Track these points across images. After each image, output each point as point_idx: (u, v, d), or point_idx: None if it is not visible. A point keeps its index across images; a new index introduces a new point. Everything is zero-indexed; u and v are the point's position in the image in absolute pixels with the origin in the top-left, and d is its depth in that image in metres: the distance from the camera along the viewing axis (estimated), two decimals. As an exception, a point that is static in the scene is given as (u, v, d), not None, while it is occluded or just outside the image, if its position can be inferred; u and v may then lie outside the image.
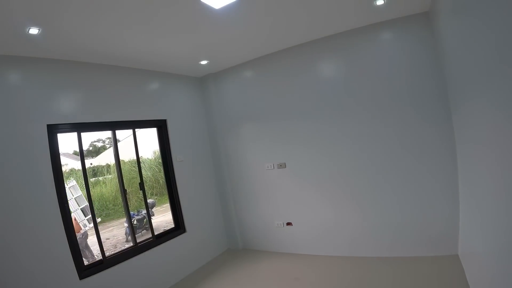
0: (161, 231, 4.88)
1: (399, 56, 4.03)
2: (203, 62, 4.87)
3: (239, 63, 5.21)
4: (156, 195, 10.93)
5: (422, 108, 3.92)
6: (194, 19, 3.28)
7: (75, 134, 3.90)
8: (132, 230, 4.54)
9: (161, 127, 4.98)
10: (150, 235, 4.61)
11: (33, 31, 2.84)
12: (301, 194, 4.86)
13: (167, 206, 10.60)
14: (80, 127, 3.90)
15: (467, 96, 2.55)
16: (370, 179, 4.31)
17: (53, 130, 3.57)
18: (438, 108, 3.80)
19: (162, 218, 9.00)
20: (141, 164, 4.81)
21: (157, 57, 4.32)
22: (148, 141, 7.76)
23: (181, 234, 4.92)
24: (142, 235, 7.56)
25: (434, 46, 3.77)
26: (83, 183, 10.41)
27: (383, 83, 4.12)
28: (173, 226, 5.05)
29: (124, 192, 4.36)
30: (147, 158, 11.15)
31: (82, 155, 4.01)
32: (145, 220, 8.20)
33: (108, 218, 9.89)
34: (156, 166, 10.87)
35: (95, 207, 3.98)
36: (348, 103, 4.35)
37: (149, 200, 6.69)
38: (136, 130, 4.69)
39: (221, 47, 4.34)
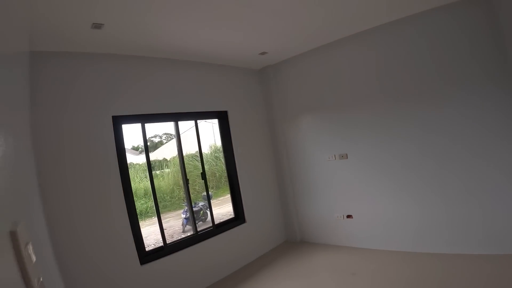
0: (220, 221, 4.93)
1: (462, 42, 3.74)
2: (263, 54, 4.84)
3: (298, 53, 5.12)
4: (212, 188, 11.16)
5: (486, 98, 3.63)
6: (256, 10, 3.26)
7: (133, 129, 4.01)
8: (193, 218, 4.63)
9: (222, 118, 5.03)
10: (206, 227, 4.67)
11: (98, 28, 2.99)
12: (362, 186, 4.69)
13: (223, 199, 10.82)
14: (144, 118, 4.02)
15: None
16: (433, 173, 4.06)
17: (118, 121, 3.69)
18: (504, 96, 3.52)
19: (218, 211, 9.12)
20: (198, 157, 4.87)
21: (218, 50, 4.36)
22: (204, 135, 7.90)
23: (240, 224, 4.96)
24: (198, 227, 7.70)
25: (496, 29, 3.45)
26: (142, 176, 10.97)
27: (447, 71, 3.85)
28: (229, 218, 5.09)
29: (186, 181, 4.44)
30: (204, 152, 11.35)
31: (146, 145, 4.14)
32: (201, 212, 8.38)
33: (165, 209, 10.27)
34: (212, 160, 11.11)
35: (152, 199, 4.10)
36: (412, 93, 4.12)
37: (204, 193, 6.79)
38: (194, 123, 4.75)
39: (282, 37, 4.29)
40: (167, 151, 13.51)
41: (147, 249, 3.92)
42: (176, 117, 4.43)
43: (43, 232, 1.85)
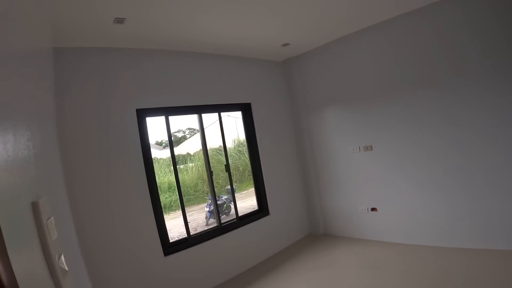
0: (244, 213, 4.94)
1: (494, 29, 3.51)
2: (285, 45, 4.79)
3: (321, 44, 5.03)
4: (235, 182, 11.24)
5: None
6: (279, 0, 3.22)
7: (157, 124, 4.06)
8: (217, 210, 4.66)
9: (246, 110, 5.02)
10: (229, 219, 4.70)
11: (121, 22, 3.04)
12: (387, 178, 4.58)
13: (246, 193, 10.87)
14: (167, 111, 4.06)
15: None
16: (460, 165, 3.89)
17: (142, 114, 3.74)
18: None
19: (241, 204, 9.15)
20: (222, 150, 4.89)
21: (241, 42, 4.34)
22: (228, 130, 7.94)
23: (264, 216, 4.96)
24: (221, 220, 7.76)
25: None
26: (165, 170, 11.16)
27: (475, 63, 3.66)
28: (252, 210, 5.09)
29: (210, 174, 4.46)
30: (228, 147, 11.41)
31: (170, 138, 4.17)
32: (225, 205, 8.44)
33: (188, 203, 10.42)
34: (236, 154, 11.17)
35: (177, 193, 4.17)
36: (439, 84, 3.95)
37: (229, 186, 6.83)
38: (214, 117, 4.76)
39: (304, 28, 4.23)
40: (191, 146, 13.67)
41: (170, 241, 3.98)
42: (199, 109, 4.44)
43: (69, 222, 1.90)
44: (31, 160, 0.80)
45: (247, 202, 9.61)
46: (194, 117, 4.55)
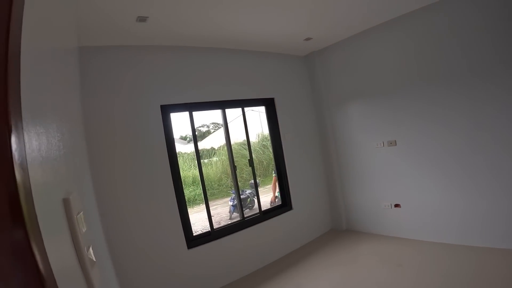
0: (267, 208, 4.99)
1: None
2: (308, 40, 4.77)
3: (344, 38, 4.98)
4: (259, 176, 11.30)
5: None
6: None
7: (181, 119, 4.13)
8: (241, 204, 4.72)
9: (269, 105, 5.04)
10: (253, 213, 4.76)
11: (143, 21, 3.13)
12: (412, 174, 4.49)
13: (269, 187, 10.88)
14: (191, 107, 4.13)
15: None
16: (487, 161, 3.76)
17: (166, 110, 3.82)
18: None
19: (265, 199, 9.19)
20: (246, 145, 4.94)
21: (264, 37, 4.35)
22: (251, 124, 7.96)
23: (287, 211, 4.98)
24: (245, 214, 7.85)
25: None
26: (189, 164, 11.33)
27: (506, 58, 3.48)
28: (276, 205, 5.10)
29: (234, 168, 4.52)
30: (251, 141, 11.49)
31: (194, 133, 4.25)
32: (248, 199, 8.50)
33: (212, 197, 10.55)
34: (260, 148, 11.23)
35: (201, 187, 4.25)
36: (466, 79, 3.81)
37: (252, 181, 6.89)
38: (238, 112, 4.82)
39: (326, 23, 4.21)
40: (215, 140, 13.80)
41: (194, 234, 4.06)
42: (223, 105, 4.49)
43: (95, 216, 1.98)
44: (61, 160, 0.85)
45: (270, 196, 9.65)
46: (217, 112, 4.61)
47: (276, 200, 5.65)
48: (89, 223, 1.13)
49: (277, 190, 5.03)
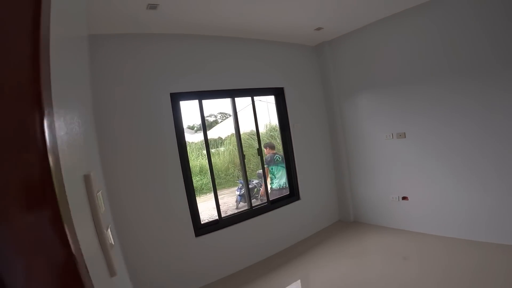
0: (275, 198, 5.03)
1: None
2: (319, 29, 4.75)
3: (354, 28, 4.94)
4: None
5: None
6: None
7: (189, 109, 4.15)
8: (249, 193, 4.75)
9: (279, 95, 5.04)
10: (260, 203, 4.81)
11: (154, 8, 3.13)
12: (420, 167, 4.48)
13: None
14: (201, 95, 4.15)
15: None
16: (496, 157, 3.73)
17: (176, 98, 3.85)
18: None
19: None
20: (253, 135, 4.94)
21: (274, 26, 4.34)
22: (259, 115, 7.95)
23: (295, 201, 5.01)
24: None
25: None
26: (196, 154, 11.37)
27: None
28: (283, 195, 5.17)
29: (242, 157, 4.55)
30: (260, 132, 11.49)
31: (203, 121, 4.28)
32: (255, 189, 8.55)
33: (219, 186, 10.61)
34: (267, 138, 11.21)
35: (208, 176, 4.29)
36: (477, 71, 3.75)
37: (260, 171, 6.92)
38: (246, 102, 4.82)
39: (338, 12, 4.17)
40: (222, 130, 13.83)
41: (202, 223, 4.11)
42: (233, 93, 4.50)
43: (105, 201, 2.02)
44: (81, 142, 0.88)
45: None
46: (226, 101, 4.63)
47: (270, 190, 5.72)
48: (106, 205, 1.17)
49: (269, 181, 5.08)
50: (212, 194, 4.37)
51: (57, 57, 0.67)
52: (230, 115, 4.70)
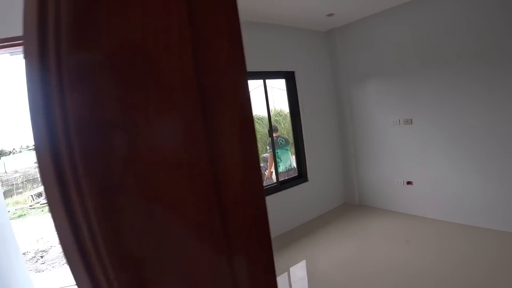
0: (284, 179, 5.17)
1: None
2: (330, 15, 4.79)
3: (365, 15, 4.98)
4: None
5: None
6: None
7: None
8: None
9: (289, 78, 5.11)
10: (270, 183, 4.93)
11: None
12: (425, 152, 4.58)
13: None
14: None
15: None
16: (502, 144, 3.80)
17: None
18: None
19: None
20: (259, 119, 5.01)
21: (287, 11, 4.37)
22: (270, 98, 7.98)
23: (303, 182, 5.14)
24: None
25: None
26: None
27: None
28: (292, 176, 5.31)
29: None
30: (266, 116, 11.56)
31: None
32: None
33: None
34: (273, 122, 11.32)
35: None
36: (486, 58, 3.79)
37: (265, 155, 7.00)
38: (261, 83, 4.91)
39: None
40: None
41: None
42: (245, 75, 4.54)
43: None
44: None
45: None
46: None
47: (272, 175, 5.77)
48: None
49: (273, 166, 5.17)
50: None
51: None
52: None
